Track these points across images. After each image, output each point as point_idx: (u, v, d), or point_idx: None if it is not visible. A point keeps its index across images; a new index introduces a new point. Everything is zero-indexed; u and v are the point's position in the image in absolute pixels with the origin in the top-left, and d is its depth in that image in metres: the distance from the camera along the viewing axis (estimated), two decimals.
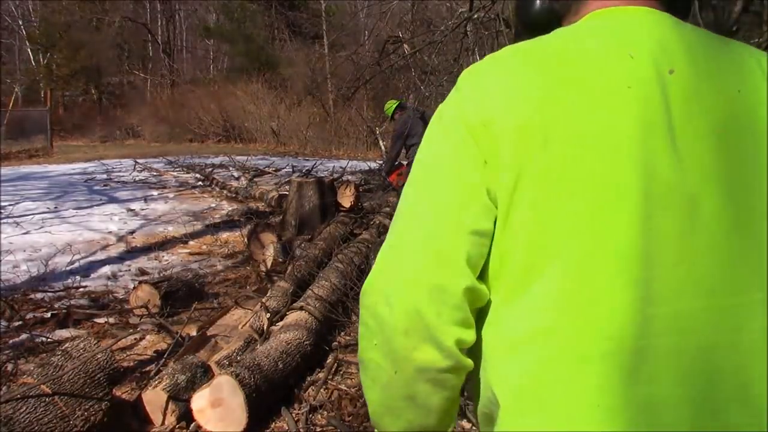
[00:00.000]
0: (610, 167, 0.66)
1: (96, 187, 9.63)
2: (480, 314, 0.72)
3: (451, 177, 0.70)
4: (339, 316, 3.64)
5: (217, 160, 12.76)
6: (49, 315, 3.77)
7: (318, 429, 2.51)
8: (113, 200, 8.38)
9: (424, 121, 6.75)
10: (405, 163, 6.92)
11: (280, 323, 3.33)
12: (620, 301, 0.64)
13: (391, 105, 7.12)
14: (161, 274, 4.81)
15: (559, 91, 0.69)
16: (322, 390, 2.78)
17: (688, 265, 0.65)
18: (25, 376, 2.31)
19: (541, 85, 0.69)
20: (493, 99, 0.70)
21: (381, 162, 11.00)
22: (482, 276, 0.71)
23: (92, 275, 4.81)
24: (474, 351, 0.72)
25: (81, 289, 4.39)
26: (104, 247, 5.75)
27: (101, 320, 3.76)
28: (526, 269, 0.67)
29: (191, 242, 5.99)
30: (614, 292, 0.64)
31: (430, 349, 0.69)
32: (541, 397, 0.65)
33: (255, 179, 9.89)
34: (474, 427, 2.44)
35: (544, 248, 0.67)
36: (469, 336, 0.70)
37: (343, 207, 6.71)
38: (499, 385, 0.69)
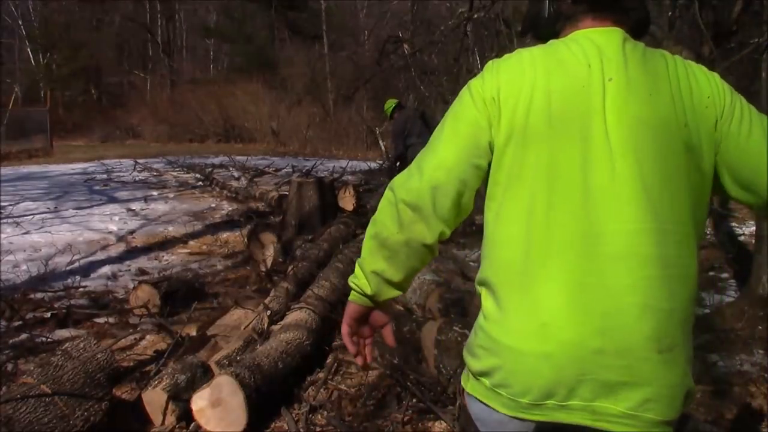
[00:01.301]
0: (565, 135, 1.05)
1: (96, 187, 9.63)
2: (486, 222, 1.12)
3: (469, 129, 1.10)
4: (339, 316, 3.64)
5: (217, 160, 12.76)
6: (49, 315, 3.77)
7: (318, 429, 2.51)
8: (113, 200, 8.38)
9: (424, 120, 6.74)
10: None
11: (280, 323, 3.33)
12: (568, 213, 1.03)
13: (390, 104, 7.09)
14: (161, 274, 4.81)
15: (544, 81, 1.07)
16: (322, 390, 2.78)
17: (607, 200, 1.03)
18: (25, 376, 2.31)
19: (534, 76, 1.08)
20: (502, 83, 1.09)
21: (381, 162, 10.99)
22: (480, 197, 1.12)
23: (92, 275, 4.81)
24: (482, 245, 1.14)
25: (81, 289, 4.39)
26: (104, 247, 5.75)
27: (101, 320, 3.76)
28: (511, 194, 1.07)
29: (191, 242, 5.99)
30: (563, 209, 1.03)
31: (423, 228, 1.11)
32: (505, 272, 1.08)
33: (255, 179, 9.89)
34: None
35: (521, 181, 1.06)
36: (448, 232, 1.13)
37: (346, 210, 6.72)
38: (485, 265, 1.12)
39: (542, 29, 1.21)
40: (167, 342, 3.27)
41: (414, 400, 2.63)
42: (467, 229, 7.31)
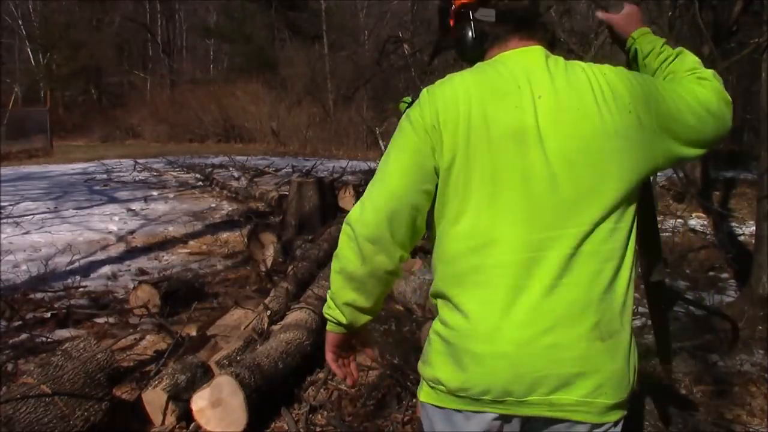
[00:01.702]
0: (504, 153, 1.12)
1: (96, 187, 9.62)
2: (435, 241, 1.20)
3: (415, 158, 1.16)
4: None
5: (217, 160, 12.76)
6: (49, 315, 3.77)
7: (318, 429, 2.51)
8: (113, 200, 8.38)
9: None
10: None
11: (280, 323, 3.33)
12: (513, 224, 1.12)
13: (406, 101, 7.02)
14: (161, 274, 4.81)
15: (479, 104, 1.14)
16: (322, 390, 2.78)
17: (548, 208, 1.12)
18: (25, 376, 2.31)
19: (469, 99, 1.14)
20: (439, 110, 1.15)
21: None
22: (428, 219, 1.19)
23: (92, 275, 4.81)
24: (432, 262, 1.22)
25: (81, 289, 4.39)
26: (104, 247, 5.75)
27: (101, 320, 3.76)
28: (455, 214, 1.15)
29: (191, 242, 5.99)
30: (508, 220, 1.12)
31: (385, 258, 1.18)
32: (459, 283, 1.15)
33: (255, 179, 9.89)
34: None
35: (467, 198, 1.14)
36: (406, 255, 1.20)
37: (346, 210, 6.71)
38: (438, 279, 1.20)
39: (469, 52, 1.26)
40: (167, 342, 3.27)
41: (414, 400, 2.62)
42: None
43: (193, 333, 3.32)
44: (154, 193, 9.03)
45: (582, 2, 8.44)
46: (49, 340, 3.28)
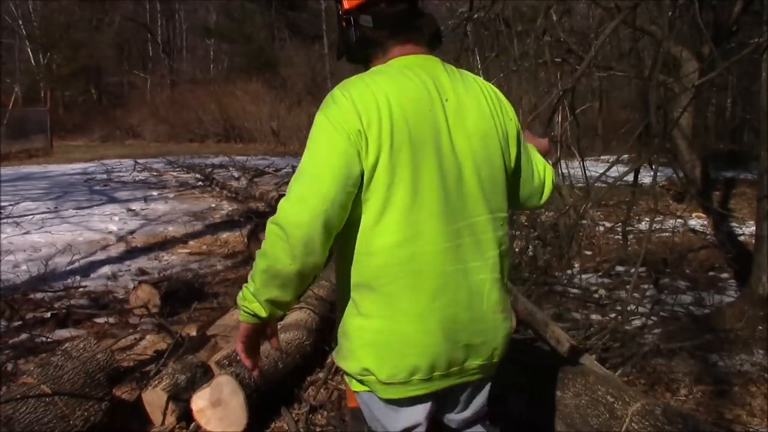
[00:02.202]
0: (424, 150, 1.24)
1: (96, 187, 9.62)
2: (351, 235, 1.26)
3: (343, 160, 1.20)
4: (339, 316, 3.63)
5: (217, 160, 12.76)
6: (49, 315, 3.77)
7: (318, 429, 2.51)
8: (113, 200, 8.38)
9: None
10: None
11: (280, 323, 3.33)
12: (433, 214, 1.25)
13: None
14: (161, 274, 4.81)
15: (398, 106, 1.23)
16: (322, 390, 2.78)
17: (458, 204, 1.28)
18: (25, 376, 2.31)
19: (389, 102, 1.22)
20: (361, 113, 1.21)
21: None
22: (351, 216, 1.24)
23: (92, 275, 4.81)
24: (345, 255, 1.29)
25: (81, 289, 4.39)
26: (104, 247, 5.75)
27: (101, 320, 3.76)
28: (379, 210, 1.23)
29: (191, 242, 5.99)
30: (429, 210, 1.24)
31: (316, 257, 1.21)
32: (390, 273, 1.25)
33: (255, 179, 9.89)
34: None
35: (392, 196, 1.22)
36: (328, 251, 1.23)
37: None
38: (363, 273, 1.27)
39: (353, 54, 1.38)
40: (167, 342, 3.26)
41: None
42: None
43: (193, 333, 3.31)
44: (154, 193, 9.03)
45: (582, 2, 8.44)
46: (49, 340, 3.28)
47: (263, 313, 1.29)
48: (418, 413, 1.32)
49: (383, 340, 1.26)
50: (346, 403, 1.54)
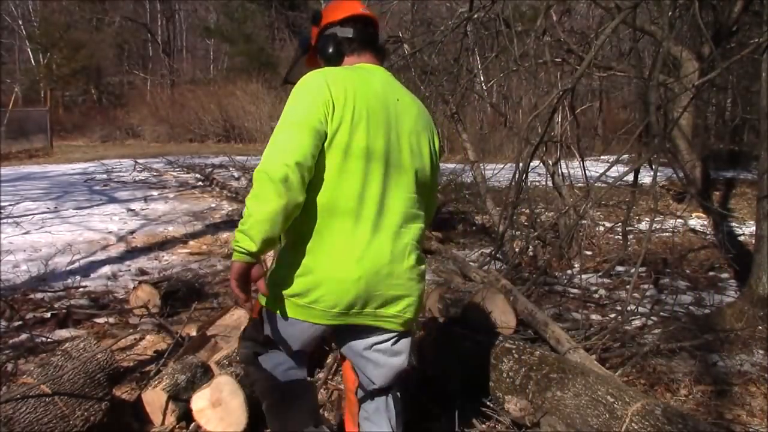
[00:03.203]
0: (378, 131, 1.62)
1: (96, 187, 9.62)
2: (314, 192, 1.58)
3: (314, 119, 1.55)
4: None
5: (217, 160, 12.75)
6: (49, 315, 3.77)
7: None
8: (113, 200, 8.37)
9: None
10: None
11: None
12: (376, 183, 1.61)
13: None
14: (161, 274, 4.81)
15: (362, 91, 1.62)
16: (322, 390, 2.78)
17: (396, 177, 1.66)
18: (25, 376, 2.31)
19: (351, 85, 1.61)
20: (335, 87, 1.59)
21: None
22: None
23: (92, 275, 4.81)
24: (310, 212, 1.58)
25: (81, 289, 4.39)
26: (104, 247, 5.75)
27: (101, 320, 3.76)
28: (340, 167, 1.58)
29: (191, 242, 5.99)
30: (374, 179, 1.61)
31: (296, 193, 1.50)
32: (342, 222, 1.59)
33: None
34: (474, 427, 2.44)
35: (348, 159, 1.58)
36: (304, 196, 1.54)
37: None
38: (323, 219, 1.59)
39: (331, 61, 1.78)
40: (167, 342, 3.26)
41: (414, 401, 2.62)
42: (467, 229, 7.31)
43: (193, 333, 3.31)
44: (154, 193, 9.03)
45: (582, 2, 8.44)
46: (49, 340, 3.28)
47: (254, 248, 1.52)
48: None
49: (315, 274, 1.57)
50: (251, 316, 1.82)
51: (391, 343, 1.71)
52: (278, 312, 1.63)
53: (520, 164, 4.04)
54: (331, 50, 1.77)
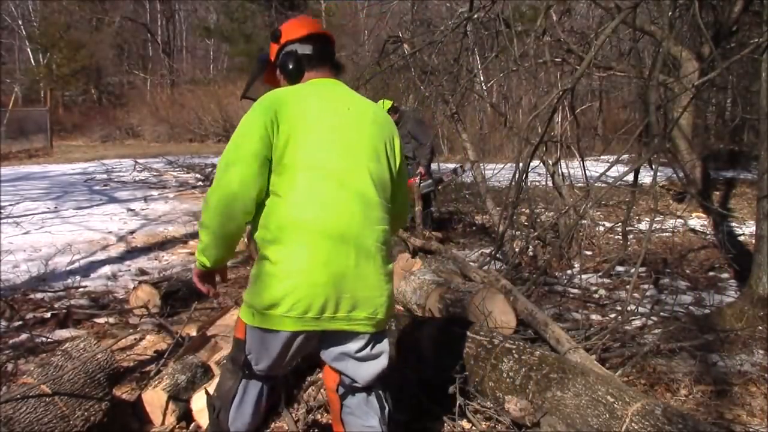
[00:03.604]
0: (328, 140, 1.72)
1: (96, 187, 9.62)
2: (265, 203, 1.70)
3: (260, 137, 1.68)
4: None
5: (216, 160, 12.74)
6: (49, 315, 3.77)
7: (318, 429, 2.51)
8: (113, 200, 8.38)
9: (419, 122, 6.80)
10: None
11: None
12: (334, 194, 1.69)
13: (384, 105, 6.87)
14: (161, 274, 4.80)
15: (307, 103, 1.75)
16: (322, 390, 2.78)
17: (357, 183, 1.72)
18: (25, 376, 2.31)
19: (297, 102, 1.74)
20: (283, 108, 1.71)
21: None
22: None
23: (92, 275, 4.81)
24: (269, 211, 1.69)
25: (81, 289, 4.39)
26: (104, 247, 5.75)
27: (101, 320, 3.76)
28: (290, 178, 1.67)
29: (191, 242, 5.99)
30: (331, 192, 1.68)
31: (243, 214, 1.68)
32: (306, 228, 1.66)
33: None
34: (474, 427, 2.44)
35: (299, 175, 1.67)
36: (251, 215, 1.69)
37: None
38: (282, 228, 1.66)
39: (291, 76, 1.88)
40: (167, 342, 3.27)
41: (414, 401, 2.62)
42: (467, 229, 7.31)
43: (193, 333, 3.31)
44: (154, 193, 9.04)
45: (582, 2, 8.44)
46: (49, 340, 3.28)
47: (209, 265, 1.82)
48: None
49: (286, 281, 1.63)
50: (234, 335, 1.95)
51: (370, 348, 1.76)
52: (258, 326, 1.69)
53: (520, 164, 4.04)
54: (291, 66, 1.87)
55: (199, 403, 2.42)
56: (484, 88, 12.49)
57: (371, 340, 1.75)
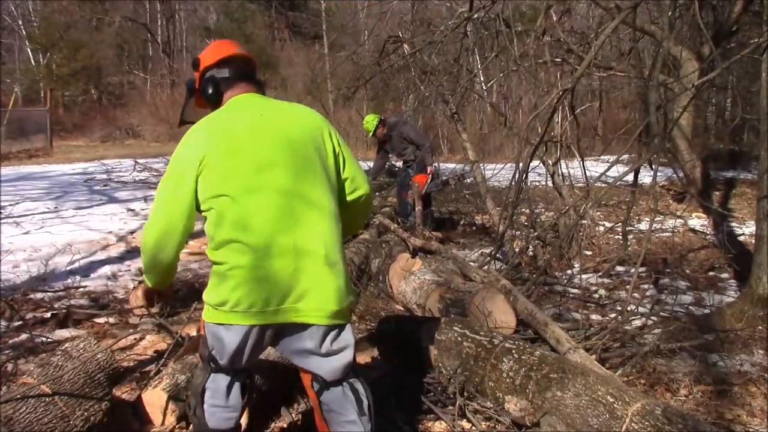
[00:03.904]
0: (244, 163, 1.79)
1: (96, 187, 9.62)
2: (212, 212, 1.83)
3: (186, 184, 1.81)
4: None
5: None
6: (49, 315, 3.77)
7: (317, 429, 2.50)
8: (113, 200, 8.37)
9: (411, 126, 6.85)
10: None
11: None
12: (265, 198, 1.77)
13: (372, 120, 6.86)
14: None
15: (223, 135, 1.83)
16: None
17: (270, 187, 1.78)
18: (25, 376, 2.31)
19: (215, 133, 1.84)
20: (200, 145, 1.82)
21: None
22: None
23: (92, 275, 4.81)
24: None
25: (81, 289, 4.39)
26: (104, 247, 5.75)
27: (101, 320, 3.76)
28: (232, 202, 1.76)
29: (191, 242, 5.98)
30: (262, 197, 1.77)
31: (167, 254, 1.94)
32: (251, 230, 1.77)
33: None
34: (474, 427, 2.44)
35: (229, 186, 1.77)
36: (180, 250, 1.96)
37: None
38: (232, 231, 1.78)
39: (211, 101, 2.02)
40: (167, 342, 3.26)
41: (414, 400, 2.62)
42: (467, 229, 7.31)
43: (193, 333, 3.31)
44: (154, 193, 9.02)
45: (582, 2, 8.44)
46: (49, 340, 3.28)
47: (152, 286, 2.07)
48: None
49: (237, 280, 1.74)
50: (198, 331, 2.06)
51: (330, 343, 1.79)
52: (212, 322, 1.83)
53: (520, 164, 4.04)
54: (210, 91, 1.99)
55: None
56: (484, 88, 12.49)
57: (328, 333, 1.78)
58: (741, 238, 6.05)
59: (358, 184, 2.01)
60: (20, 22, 26.03)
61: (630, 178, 4.20)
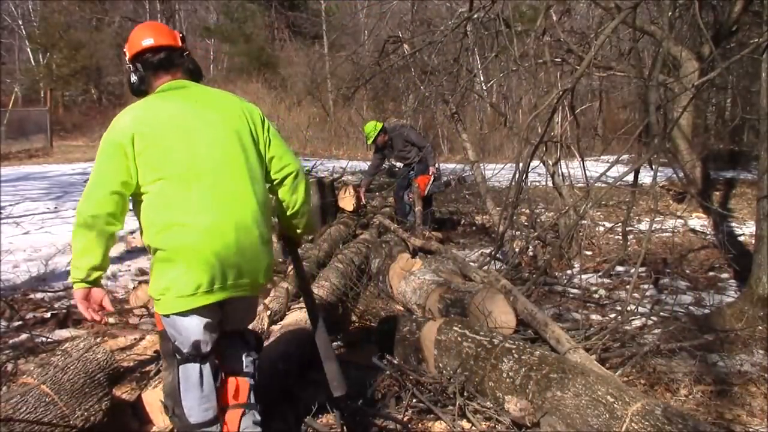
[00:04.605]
0: (176, 139, 1.88)
1: None
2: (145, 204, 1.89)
3: (118, 160, 1.83)
4: (338, 317, 3.64)
5: None
6: (49, 315, 3.77)
7: (317, 429, 2.50)
8: None
9: (410, 129, 6.86)
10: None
11: (280, 323, 3.33)
12: (195, 185, 1.86)
13: (373, 128, 6.86)
14: None
15: (153, 117, 1.90)
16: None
17: (204, 163, 1.88)
18: (25, 376, 2.31)
19: (146, 116, 1.90)
20: (130, 126, 1.86)
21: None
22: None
23: None
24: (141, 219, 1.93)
25: None
26: None
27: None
28: (161, 184, 1.85)
29: None
30: (187, 186, 1.84)
31: (114, 224, 1.84)
32: (195, 215, 1.84)
33: None
34: (474, 427, 2.44)
35: (161, 172, 1.85)
36: (120, 222, 1.87)
37: (346, 210, 6.71)
38: (174, 215, 1.84)
39: (137, 91, 2.08)
40: None
41: (414, 400, 2.63)
42: (467, 229, 7.31)
43: None
44: None
45: (582, 2, 8.44)
46: (49, 340, 3.28)
47: (83, 276, 1.86)
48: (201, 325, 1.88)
49: (180, 263, 1.80)
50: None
51: (246, 304, 2.06)
52: (164, 313, 1.86)
53: (520, 164, 4.04)
54: (134, 83, 2.07)
55: None
56: (484, 88, 12.50)
57: (245, 301, 2.02)
58: (741, 238, 6.05)
59: (285, 162, 2.10)
60: (20, 22, 26.02)
61: (630, 178, 4.20)
